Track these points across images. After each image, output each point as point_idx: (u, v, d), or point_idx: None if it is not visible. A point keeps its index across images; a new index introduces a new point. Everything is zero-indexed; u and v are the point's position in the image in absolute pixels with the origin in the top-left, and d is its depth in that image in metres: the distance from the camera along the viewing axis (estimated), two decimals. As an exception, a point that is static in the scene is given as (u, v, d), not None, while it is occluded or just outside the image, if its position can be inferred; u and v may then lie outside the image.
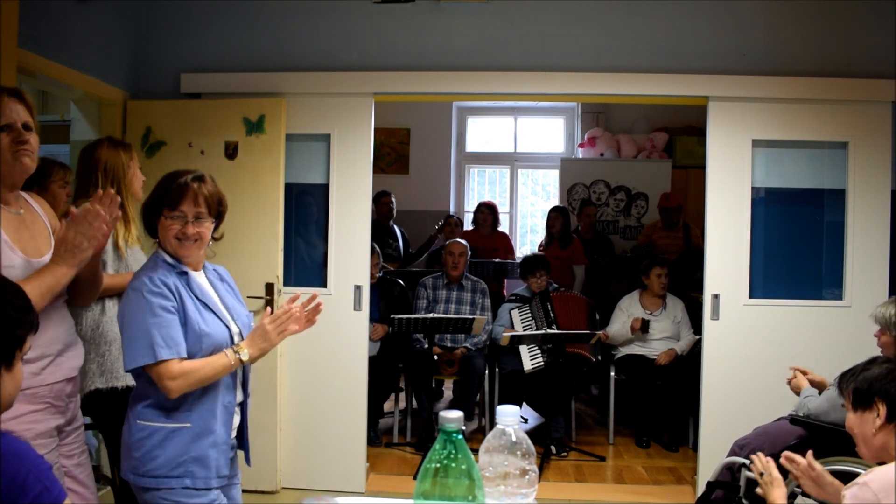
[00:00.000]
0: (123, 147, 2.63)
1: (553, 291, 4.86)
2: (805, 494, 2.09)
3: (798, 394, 2.97)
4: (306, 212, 3.93)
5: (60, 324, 1.97)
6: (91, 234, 1.77)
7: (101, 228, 1.78)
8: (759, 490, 2.06)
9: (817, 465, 1.99)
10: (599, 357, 4.70)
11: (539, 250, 5.82)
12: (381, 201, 5.84)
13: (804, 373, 2.99)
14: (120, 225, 2.49)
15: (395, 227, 5.97)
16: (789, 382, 3.01)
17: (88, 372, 2.45)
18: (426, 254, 6.16)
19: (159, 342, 1.79)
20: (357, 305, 3.80)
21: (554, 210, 5.86)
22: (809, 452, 2.03)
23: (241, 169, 3.69)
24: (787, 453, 2.08)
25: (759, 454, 2.10)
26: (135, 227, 2.59)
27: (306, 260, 3.94)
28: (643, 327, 4.64)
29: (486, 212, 5.91)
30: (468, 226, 6.47)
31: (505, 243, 5.97)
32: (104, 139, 2.65)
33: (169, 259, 1.91)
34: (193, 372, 1.83)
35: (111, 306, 2.51)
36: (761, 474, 2.03)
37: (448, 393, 5.56)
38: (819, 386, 2.92)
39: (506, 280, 5.85)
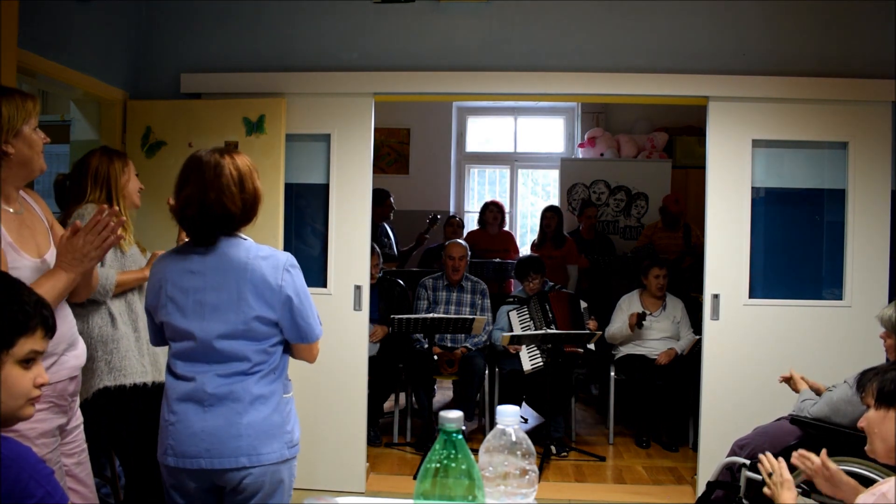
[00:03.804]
0: (117, 155, 2.64)
1: (549, 291, 4.85)
2: (814, 490, 2.08)
3: (795, 391, 2.97)
4: (306, 212, 3.93)
5: (64, 322, 1.98)
6: (98, 244, 1.83)
7: (109, 239, 1.85)
8: (766, 490, 2.04)
9: (831, 465, 1.99)
10: (592, 346, 4.67)
11: (531, 250, 5.82)
12: (385, 202, 5.86)
13: (801, 378, 2.99)
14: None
15: (386, 225, 5.98)
16: (786, 381, 3.01)
17: (96, 371, 2.46)
18: (417, 249, 6.19)
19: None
20: (357, 305, 3.80)
21: (549, 210, 5.85)
22: (823, 451, 2.02)
23: (241, 169, 3.68)
24: (801, 451, 2.06)
25: (768, 454, 2.08)
26: (131, 230, 2.67)
27: (306, 260, 3.93)
28: (639, 322, 4.64)
29: (495, 210, 5.92)
30: (473, 225, 6.46)
31: (511, 243, 5.98)
32: (98, 149, 2.68)
33: None
34: None
35: (118, 304, 2.53)
36: (770, 475, 2.01)
37: (448, 393, 5.56)
38: (815, 390, 2.92)
39: (512, 281, 5.85)
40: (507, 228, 6.22)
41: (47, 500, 1.26)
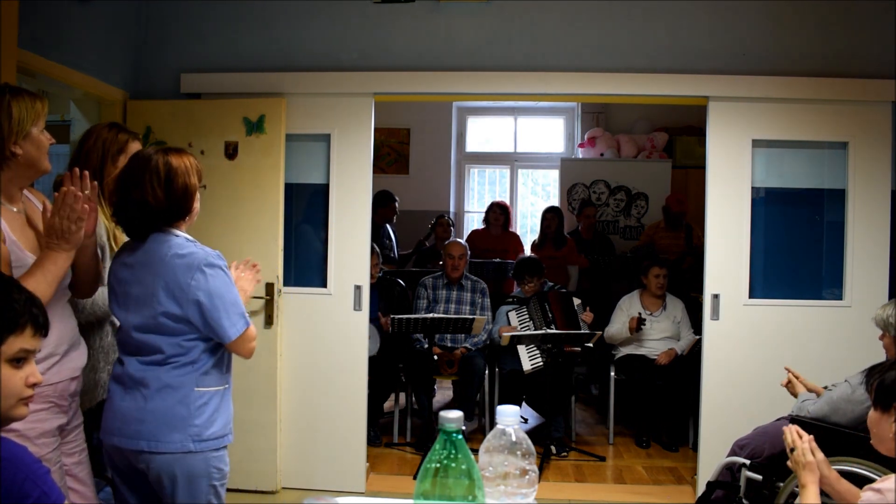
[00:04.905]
0: (117, 134, 2.39)
1: (549, 290, 4.85)
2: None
3: (794, 394, 2.97)
4: (306, 212, 3.93)
5: (66, 322, 1.98)
6: (75, 217, 1.79)
7: (84, 209, 1.80)
8: (789, 463, 2.00)
9: (819, 454, 1.96)
10: (590, 344, 4.66)
11: (532, 250, 5.83)
12: (390, 205, 5.88)
13: (796, 377, 2.98)
14: (108, 219, 2.36)
15: (389, 227, 5.99)
16: (786, 385, 3.01)
17: (99, 382, 2.42)
18: (415, 253, 6.21)
19: (244, 311, 1.99)
20: (357, 305, 3.80)
21: (550, 210, 5.86)
22: (811, 437, 1.99)
23: (241, 169, 3.68)
24: (796, 427, 2.03)
25: (794, 427, 2.02)
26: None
27: (306, 260, 3.93)
28: (638, 326, 4.64)
29: (499, 212, 5.94)
30: (479, 224, 6.48)
31: (515, 244, 5.99)
32: (105, 125, 2.44)
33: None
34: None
35: None
36: (792, 450, 1.97)
37: (448, 393, 5.57)
38: (813, 392, 2.91)
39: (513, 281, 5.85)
40: (511, 229, 6.23)
41: (44, 500, 1.26)
